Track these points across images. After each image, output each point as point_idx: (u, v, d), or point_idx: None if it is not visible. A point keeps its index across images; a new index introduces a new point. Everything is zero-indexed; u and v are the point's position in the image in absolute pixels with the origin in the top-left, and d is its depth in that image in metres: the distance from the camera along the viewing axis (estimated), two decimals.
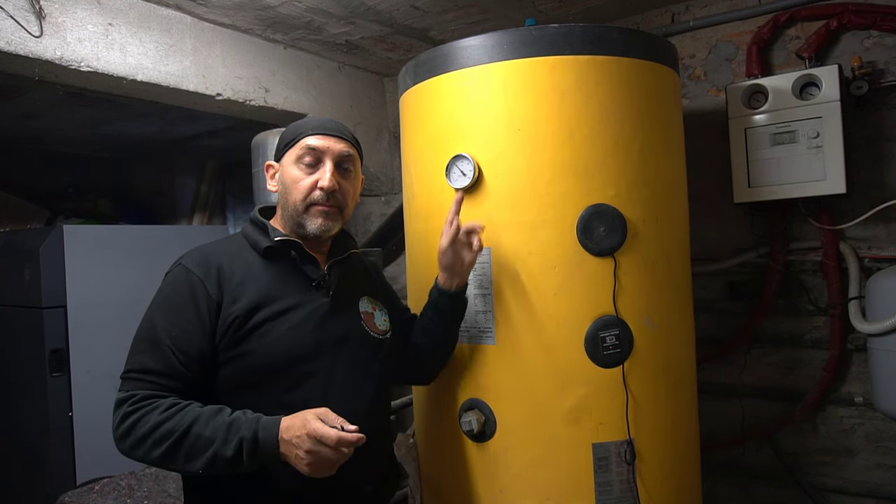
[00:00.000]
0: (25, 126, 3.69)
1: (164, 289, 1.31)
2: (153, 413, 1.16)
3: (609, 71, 1.62)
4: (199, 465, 1.13)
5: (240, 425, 1.15)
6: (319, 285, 1.36)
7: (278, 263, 1.34)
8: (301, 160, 1.34)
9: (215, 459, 1.13)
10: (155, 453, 1.14)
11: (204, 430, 1.14)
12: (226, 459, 1.12)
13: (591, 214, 1.58)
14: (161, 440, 1.13)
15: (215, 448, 1.13)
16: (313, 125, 1.37)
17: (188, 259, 1.31)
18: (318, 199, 1.33)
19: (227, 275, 1.29)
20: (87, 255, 2.78)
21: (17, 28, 1.92)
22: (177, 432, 1.13)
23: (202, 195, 4.66)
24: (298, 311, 1.31)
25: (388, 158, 3.39)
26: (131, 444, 1.16)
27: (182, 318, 1.24)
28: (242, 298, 1.27)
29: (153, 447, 1.14)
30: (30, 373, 2.72)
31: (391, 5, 2.39)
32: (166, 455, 1.14)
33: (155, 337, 1.23)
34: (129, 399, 1.18)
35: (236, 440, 1.13)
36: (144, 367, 1.21)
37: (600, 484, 1.58)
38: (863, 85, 2.11)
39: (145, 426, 1.15)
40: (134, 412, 1.16)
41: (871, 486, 2.27)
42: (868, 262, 2.23)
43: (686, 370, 1.78)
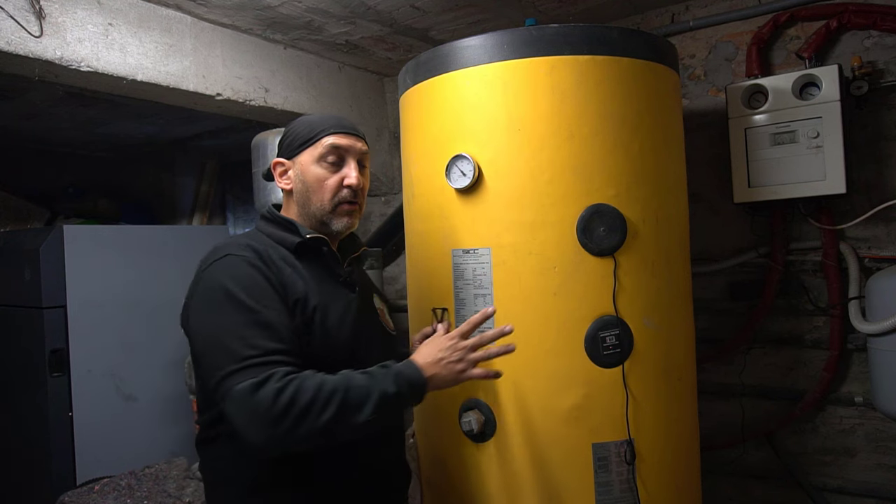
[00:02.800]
0: (25, 126, 3.69)
1: (233, 276, 1.22)
2: (308, 381, 1.13)
3: (609, 71, 1.62)
4: (368, 411, 1.14)
5: (385, 370, 1.21)
6: (346, 282, 1.39)
7: (307, 260, 1.34)
8: (324, 159, 1.34)
9: (382, 400, 1.15)
10: (325, 416, 1.11)
11: (356, 381, 1.16)
12: (390, 396, 1.16)
13: (591, 214, 1.58)
14: (329, 399, 1.12)
15: (379, 389, 1.16)
16: (332, 123, 1.37)
17: (231, 249, 1.27)
18: (346, 197, 1.35)
19: (277, 264, 1.28)
20: (87, 255, 2.78)
21: (17, 28, 1.91)
22: (340, 388, 1.13)
23: (202, 195, 4.65)
24: (336, 306, 1.32)
25: (388, 158, 3.39)
26: (296, 416, 1.09)
27: (271, 299, 1.21)
28: (296, 287, 1.27)
29: (322, 410, 1.11)
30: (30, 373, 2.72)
31: (391, 5, 2.39)
32: (338, 412, 1.12)
33: (262, 320, 1.17)
34: (271, 377, 1.11)
35: (392, 376, 1.19)
36: (267, 350, 1.15)
37: (600, 484, 1.58)
38: (863, 85, 2.11)
39: (307, 393, 1.11)
40: (287, 386, 1.10)
41: (871, 486, 2.27)
42: (868, 262, 2.23)
43: (686, 370, 1.78)
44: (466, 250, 1.67)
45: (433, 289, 1.77)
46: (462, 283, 1.68)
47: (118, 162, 4.80)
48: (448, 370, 1.25)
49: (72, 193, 4.36)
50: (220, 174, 4.75)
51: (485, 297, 1.64)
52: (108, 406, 2.79)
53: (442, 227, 1.73)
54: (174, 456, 2.48)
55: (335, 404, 1.11)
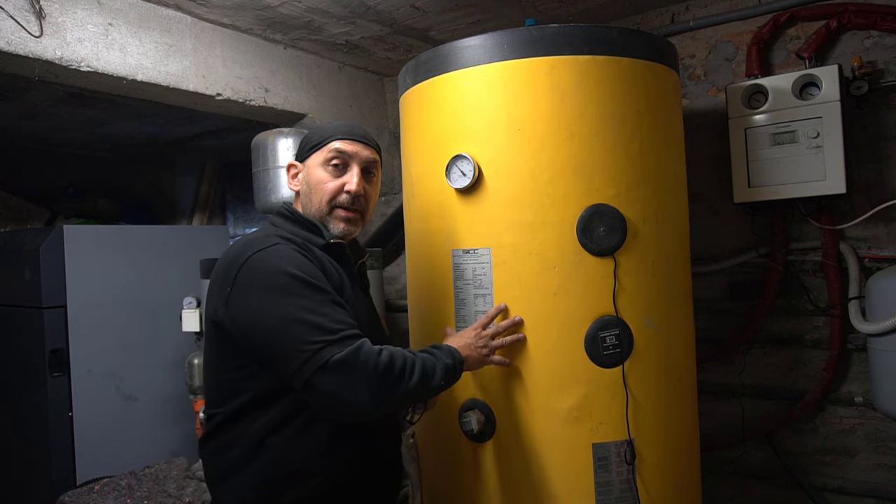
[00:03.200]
0: (25, 126, 3.69)
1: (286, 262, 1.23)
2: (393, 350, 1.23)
3: (609, 71, 1.62)
4: (439, 377, 1.28)
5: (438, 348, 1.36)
6: (360, 284, 1.46)
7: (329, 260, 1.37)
8: (328, 163, 1.37)
9: (446, 370, 1.30)
10: (413, 379, 1.22)
11: (422, 355, 1.29)
12: (450, 367, 1.32)
13: (591, 214, 1.58)
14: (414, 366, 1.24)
15: (442, 361, 1.31)
16: (342, 129, 1.40)
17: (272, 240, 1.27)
18: (343, 203, 1.37)
19: (316, 257, 1.31)
20: (87, 255, 2.78)
21: (17, 28, 1.92)
22: (416, 360, 1.26)
23: (202, 195, 4.66)
24: (359, 306, 1.39)
25: (388, 158, 3.39)
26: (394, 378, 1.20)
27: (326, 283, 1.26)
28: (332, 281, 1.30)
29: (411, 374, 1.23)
30: (30, 373, 2.72)
31: (391, 5, 2.39)
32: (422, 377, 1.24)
33: (336, 300, 1.24)
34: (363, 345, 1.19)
35: (445, 351, 1.35)
36: (349, 322, 1.22)
37: (600, 484, 1.58)
38: (863, 85, 2.11)
39: (399, 360, 1.22)
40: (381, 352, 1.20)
41: (871, 486, 2.27)
42: (868, 262, 2.23)
43: (686, 370, 1.78)
44: (466, 250, 1.67)
45: (433, 289, 1.77)
46: (462, 283, 1.68)
47: (118, 162, 4.80)
48: (476, 353, 1.46)
49: (72, 193, 4.36)
50: (220, 174, 4.75)
51: (485, 297, 1.64)
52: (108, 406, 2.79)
53: (442, 227, 1.73)
54: (174, 456, 2.49)
55: (419, 370, 1.24)
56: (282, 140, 2.63)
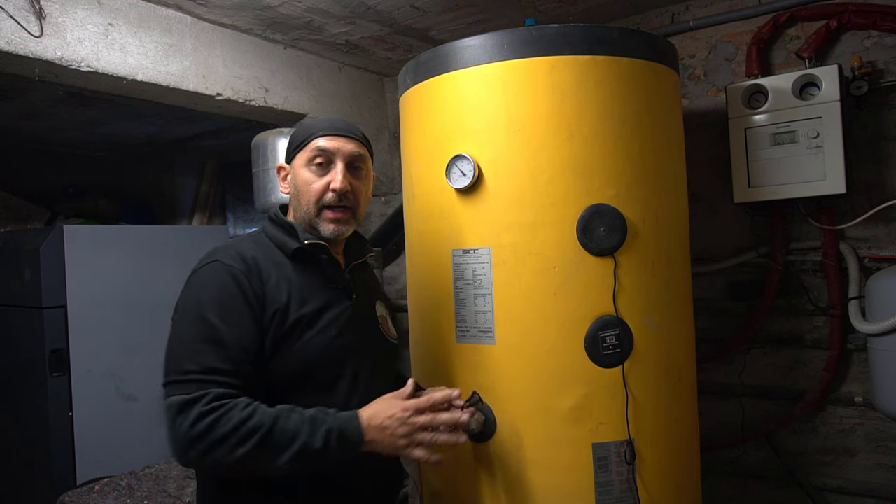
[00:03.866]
0: (25, 126, 3.69)
1: (206, 286, 1.24)
2: (234, 411, 1.11)
3: (609, 71, 1.62)
4: (286, 458, 1.12)
5: (323, 418, 1.17)
6: (343, 289, 1.36)
7: (304, 266, 1.32)
8: (312, 162, 1.32)
9: (303, 451, 1.13)
10: (239, 452, 1.10)
11: (287, 424, 1.14)
12: (314, 451, 1.13)
13: (591, 214, 1.58)
14: (248, 436, 1.10)
15: (303, 440, 1.13)
16: (323, 126, 1.35)
17: (221, 256, 1.27)
18: (330, 202, 1.31)
19: (265, 272, 1.26)
20: (87, 255, 2.78)
21: (17, 28, 1.92)
22: (262, 428, 1.11)
23: (202, 195, 4.65)
24: (327, 314, 1.30)
25: (388, 158, 3.39)
26: (208, 446, 1.10)
27: (237, 315, 1.20)
28: (279, 298, 1.25)
29: (238, 445, 1.10)
30: (30, 373, 2.72)
31: (391, 5, 2.39)
32: (252, 452, 1.10)
33: (215, 336, 1.17)
34: (201, 399, 1.11)
35: (323, 431, 1.14)
36: (209, 368, 1.15)
37: (600, 484, 1.58)
38: (863, 85, 2.11)
39: (228, 424, 1.10)
40: (211, 412, 1.10)
41: (871, 486, 2.27)
42: (868, 262, 2.23)
43: (686, 370, 1.78)
44: (466, 250, 1.67)
45: (433, 289, 1.77)
46: (462, 283, 1.68)
47: (118, 162, 4.80)
48: (390, 442, 1.19)
49: (72, 193, 4.36)
50: (220, 174, 4.75)
51: (485, 297, 1.64)
52: (108, 406, 2.79)
53: (442, 227, 1.73)
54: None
55: (253, 442, 1.10)
56: (282, 140, 2.63)
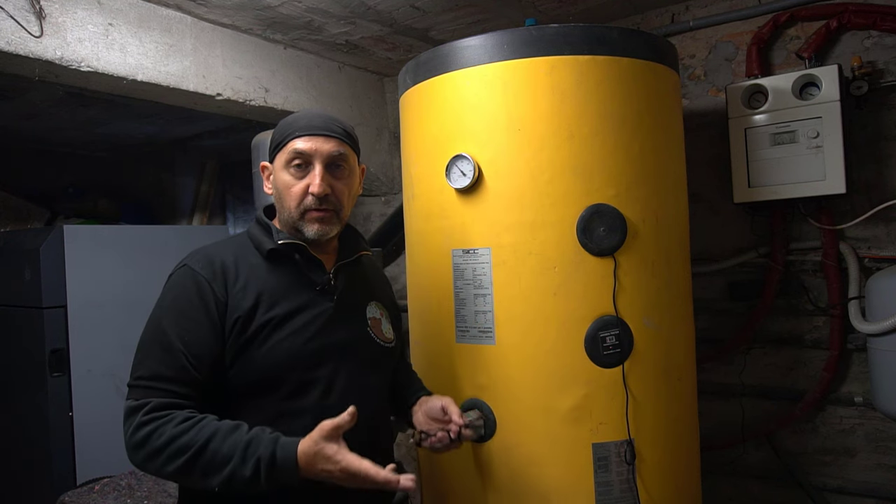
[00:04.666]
0: (25, 126, 3.69)
1: (171, 291, 1.26)
2: (168, 425, 1.11)
3: (609, 71, 1.62)
4: (216, 482, 1.09)
5: (258, 444, 1.11)
6: (324, 290, 1.32)
7: (282, 266, 1.30)
8: (290, 164, 1.28)
9: (233, 478, 1.09)
10: (170, 467, 1.10)
11: (221, 446, 1.10)
12: (244, 479, 1.09)
13: (591, 214, 1.58)
14: (177, 454, 1.09)
15: (233, 467, 1.09)
16: (300, 125, 1.30)
17: (193, 260, 1.27)
18: (310, 205, 1.28)
19: (232, 276, 1.25)
20: (87, 255, 2.77)
21: (17, 28, 1.91)
22: (193, 447, 1.09)
23: (202, 195, 4.65)
24: (300, 316, 1.27)
25: (388, 158, 3.39)
26: (145, 456, 1.11)
27: (193, 322, 1.20)
28: (245, 301, 1.23)
29: (168, 461, 1.10)
30: (30, 373, 2.72)
31: (391, 5, 2.39)
32: (182, 470, 1.10)
33: (166, 342, 1.18)
34: (142, 408, 1.13)
35: (254, 460, 1.09)
36: (156, 374, 1.16)
37: (600, 484, 1.58)
38: (863, 85, 2.11)
39: (160, 439, 1.10)
40: (148, 423, 1.12)
41: (871, 486, 2.27)
42: (868, 262, 2.23)
43: (686, 370, 1.78)
44: (466, 250, 1.67)
45: (433, 289, 1.77)
46: (462, 283, 1.68)
47: (118, 162, 4.80)
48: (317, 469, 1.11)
49: (72, 193, 4.36)
50: (220, 174, 4.75)
51: (485, 297, 1.64)
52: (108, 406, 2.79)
53: (442, 227, 1.73)
54: None
55: (182, 461, 1.09)
56: None
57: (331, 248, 1.39)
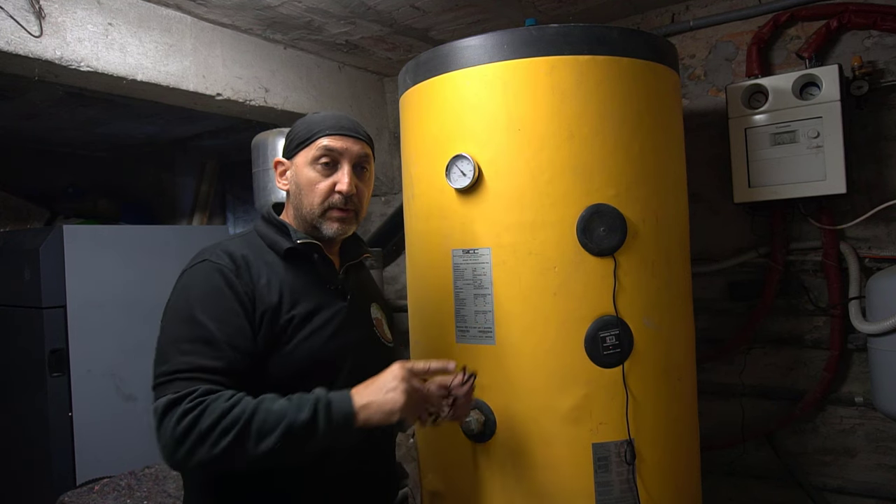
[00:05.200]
0: (25, 126, 3.69)
1: (197, 285, 1.22)
2: (217, 402, 1.07)
3: (609, 71, 1.62)
4: (273, 440, 1.06)
5: (309, 395, 1.12)
6: (337, 290, 1.33)
7: (297, 265, 1.30)
8: (317, 161, 1.29)
9: (291, 429, 1.07)
10: (223, 443, 1.05)
11: (272, 405, 1.09)
12: (302, 424, 1.07)
13: (591, 214, 1.58)
14: (231, 426, 1.05)
15: (289, 417, 1.08)
16: (329, 124, 1.31)
17: (211, 255, 1.25)
18: (336, 203, 1.29)
19: (255, 270, 1.24)
20: (87, 255, 2.77)
21: (17, 28, 1.91)
22: (245, 414, 1.07)
23: (202, 195, 4.66)
24: (319, 315, 1.27)
25: (388, 158, 3.39)
26: (194, 441, 1.05)
27: (229, 313, 1.17)
28: (270, 295, 1.23)
29: (221, 437, 1.05)
30: (30, 373, 2.72)
31: (391, 5, 2.39)
32: (236, 441, 1.05)
33: (206, 335, 1.14)
34: (187, 396, 1.08)
35: (310, 403, 1.10)
36: (198, 366, 1.12)
37: (600, 484, 1.58)
38: (863, 85, 2.11)
39: (211, 417, 1.06)
40: (195, 407, 1.07)
41: (871, 486, 2.27)
42: (868, 262, 2.23)
43: (686, 370, 1.78)
44: (466, 250, 1.67)
45: (433, 289, 1.77)
46: (462, 283, 1.68)
47: (118, 162, 4.80)
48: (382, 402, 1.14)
49: (72, 193, 4.36)
50: (220, 174, 4.75)
51: (485, 297, 1.64)
52: (108, 406, 2.79)
53: (442, 227, 1.73)
54: None
55: (235, 431, 1.05)
56: (282, 140, 2.63)
57: (336, 250, 1.41)
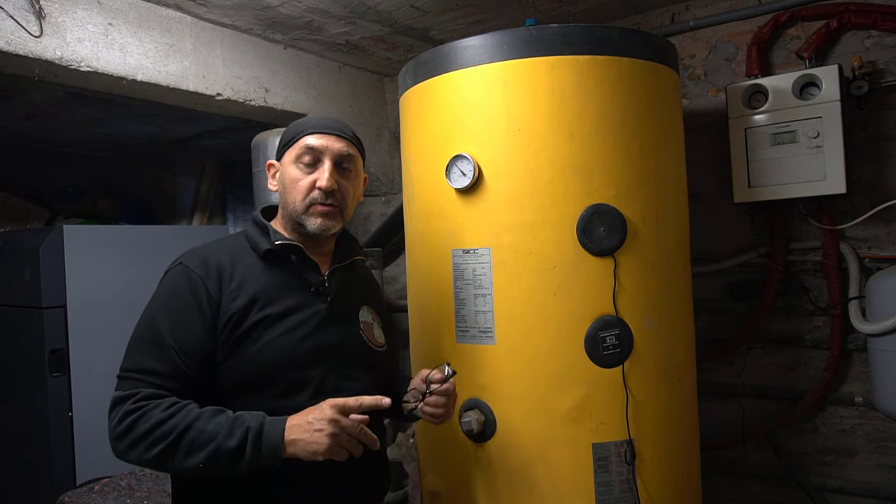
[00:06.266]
0: (25, 126, 3.69)
1: (165, 288, 1.28)
2: (155, 410, 1.13)
3: (609, 71, 1.62)
4: (199, 459, 1.11)
5: (245, 419, 1.14)
6: (318, 291, 1.34)
7: (278, 267, 1.32)
8: (300, 160, 1.32)
9: (217, 452, 1.10)
10: (154, 451, 1.11)
11: (207, 425, 1.13)
12: (229, 451, 1.10)
13: (591, 214, 1.58)
14: (162, 437, 1.11)
15: (219, 440, 1.11)
16: (312, 124, 1.35)
17: (188, 258, 1.29)
18: (316, 199, 1.30)
19: (227, 275, 1.27)
20: (87, 255, 2.77)
21: (17, 28, 1.91)
22: (179, 428, 1.11)
23: (202, 195, 4.66)
24: (293, 316, 1.28)
25: (388, 158, 3.39)
26: (129, 443, 1.13)
27: (185, 319, 1.22)
28: (239, 300, 1.25)
29: (152, 445, 1.11)
30: (30, 373, 2.72)
31: (391, 5, 2.39)
32: (165, 452, 1.11)
33: (157, 338, 1.20)
34: (131, 397, 1.15)
35: (241, 430, 1.12)
36: (146, 368, 1.19)
37: (600, 484, 1.58)
38: (863, 85, 2.11)
39: (147, 423, 1.12)
40: (135, 410, 1.14)
41: (872, 486, 2.27)
42: (868, 262, 2.23)
43: (686, 370, 1.78)
44: (466, 250, 1.67)
45: (433, 289, 1.77)
46: (462, 283, 1.68)
47: (118, 162, 4.80)
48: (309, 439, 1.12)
49: (72, 193, 4.36)
50: (220, 174, 4.75)
51: (485, 297, 1.64)
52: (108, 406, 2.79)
53: (442, 227, 1.73)
54: None
55: (166, 443, 1.10)
56: None
57: (326, 251, 1.41)
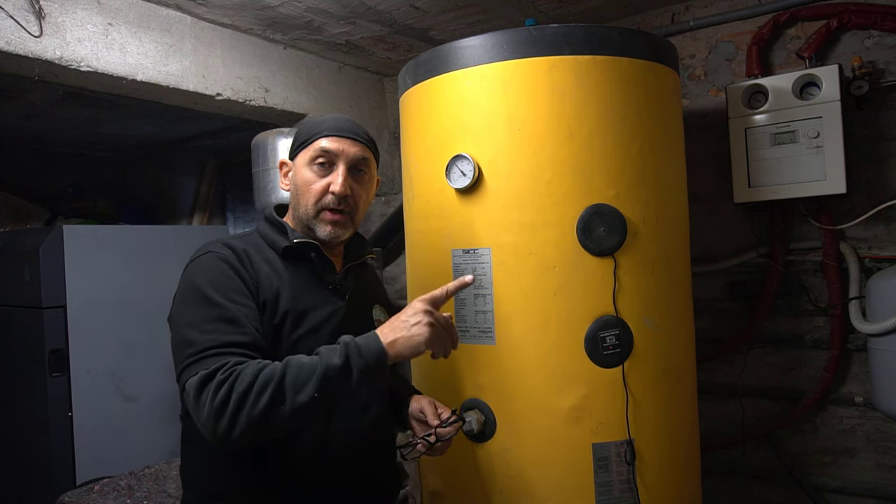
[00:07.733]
0: (25, 126, 3.69)
1: (204, 273, 1.22)
2: (248, 369, 1.07)
3: (609, 71, 1.62)
4: (311, 390, 1.06)
5: (335, 346, 1.12)
6: (336, 289, 1.34)
7: (295, 264, 1.31)
8: (314, 162, 1.30)
9: (326, 375, 1.07)
10: (262, 401, 1.04)
11: (303, 360, 1.10)
12: (336, 369, 1.07)
13: (591, 214, 1.58)
14: (265, 384, 1.05)
15: (323, 365, 1.08)
16: (328, 125, 1.32)
17: (213, 247, 1.26)
18: (329, 204, 1.29)
19: (256, 265, 1.25)
20: (87, 255, 2.77)
21: (17, 28, 1.91)
22: (278, 371, 1.07)
23: (202, 195, 4.66)
24: (316, 314, 1.28)
25: (388, 158, 3.39)
26: (234, 406, 1.03)
27: (240, 294, 1.19)
28: (270, 288, 1.24)
29: (259, 395, 1.04)
30: (30, 373, 2.72)
31: (391, 5, 2.39)
32: (275, 396, 1.04)
33: (225, 315, 1.14)
34: (219, 370, 1.07)
35: (340, 349, 1.10)
36: (226, 342, 1.11)
37: (600, 484, 1.58)
38: (863, 85, 2.11)
39: (245, 381, 1.05)
40: (228, 377, 1.06)
41: (872, 486, 2.27)
42: (868, 262, 2.23)
43: (686, 370, 1.78)
44: (466, 250, 1.67)
45: (433, 289, 1.76)
46: None
47: (118, 162, 4.80)
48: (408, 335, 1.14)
49: (72, 193, 4.36)
50: (220, 174, 4.75)
51: (485, 297, 1.64)
52: (108, 406, 2.79)
53: (442, 227, 1.73)
54: (174, 456, 2.48)
55: (272, 388, 1.05)
56: (282, 140, 2.63)
57: (338, 251, 1.41)
